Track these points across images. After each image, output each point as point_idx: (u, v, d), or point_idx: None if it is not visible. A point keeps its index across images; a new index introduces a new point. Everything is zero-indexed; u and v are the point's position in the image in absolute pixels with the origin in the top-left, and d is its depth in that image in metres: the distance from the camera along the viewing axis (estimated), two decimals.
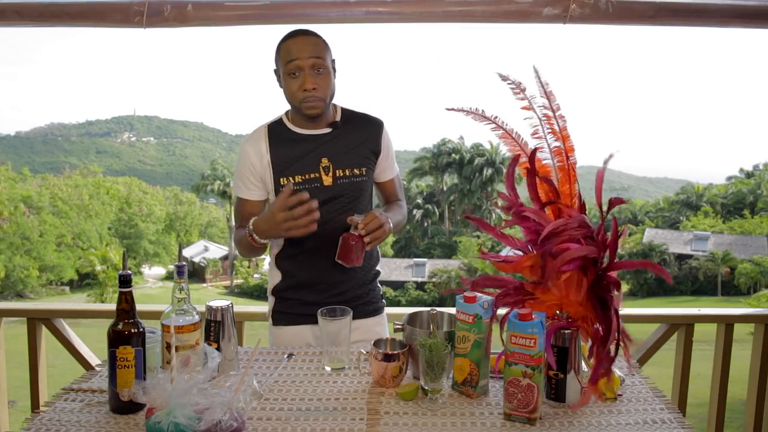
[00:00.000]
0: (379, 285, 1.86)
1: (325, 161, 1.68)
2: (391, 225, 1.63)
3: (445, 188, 40.29)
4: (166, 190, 44.05)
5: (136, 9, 1.95)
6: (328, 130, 1.70)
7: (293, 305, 1.75)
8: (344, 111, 1.76)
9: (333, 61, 1.68)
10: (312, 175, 1.67)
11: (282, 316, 1.78)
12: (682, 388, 2.37)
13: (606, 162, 1.27)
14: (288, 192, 1.47)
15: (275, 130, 1.72)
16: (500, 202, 1.36)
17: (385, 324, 1.84)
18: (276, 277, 1.78)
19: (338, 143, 1.70)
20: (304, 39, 1.61)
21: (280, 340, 1.77)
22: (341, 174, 1.69)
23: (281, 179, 1.68)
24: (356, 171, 1.70)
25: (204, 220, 41.64)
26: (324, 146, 1.69)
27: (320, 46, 1.62)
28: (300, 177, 1.67)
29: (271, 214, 1.50)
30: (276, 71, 1.69)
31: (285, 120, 1.73)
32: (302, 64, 1.58)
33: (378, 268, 1.85)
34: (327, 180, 1.68)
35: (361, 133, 1.74)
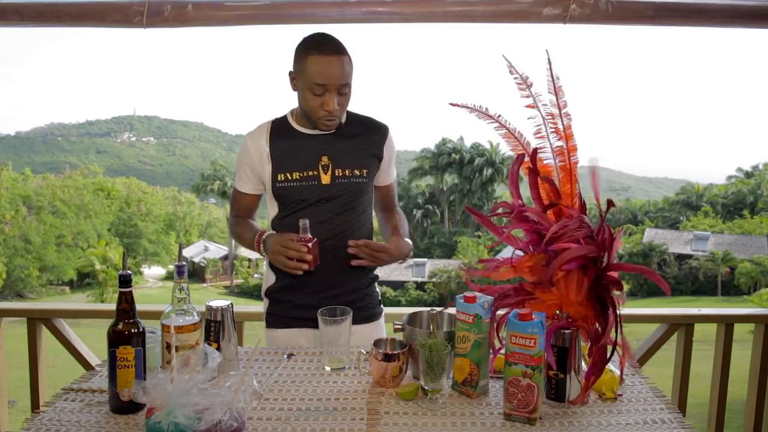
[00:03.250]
0: (377, 290, 1.84)
1: (324, 159, 1.67)
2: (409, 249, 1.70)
3: (445, 188, 40.31)
4: (165, 191, 44.08)
5: (136, 9, 1.95)
6: (331, 129, 1.70)
7: (286, 308, 1.75)
8: (349, 113, 1.75)
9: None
10: (310, 173, 1.67)
11: (275, 318, 1.78)
12: (682, 388, 2.37)
13: (593, 162, 1.28)
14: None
15: (278, 126, 1.73)
16: (501, 210, 1.35)
17: (382, 331, 1.81)
18: (270, 278, 1.78)
19: (340, 143, 1.69)
20: (335, 61, 1.56)
21: (274, 342, 1.77)
22: (340, 174, 1.68)
23: (279, 175, 1.68)
24: (356, 172, 1.69)
25: (204, 220, 41.65)
26: (325, 145, 1.68)
27: (349, 68, 1.59)
28: (298, 174, 1.67)
29: (276, 238, 1.57)
30: (292, 74, 1.64)
31: (290, 118, 1.73)
32: (330, 88, 1.57)
33: (376, 272, 1.83)
34: (325, 178, 1.67)
35: (365, 136, 1.73)
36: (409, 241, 1.72)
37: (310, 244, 1.52)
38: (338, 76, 1.56)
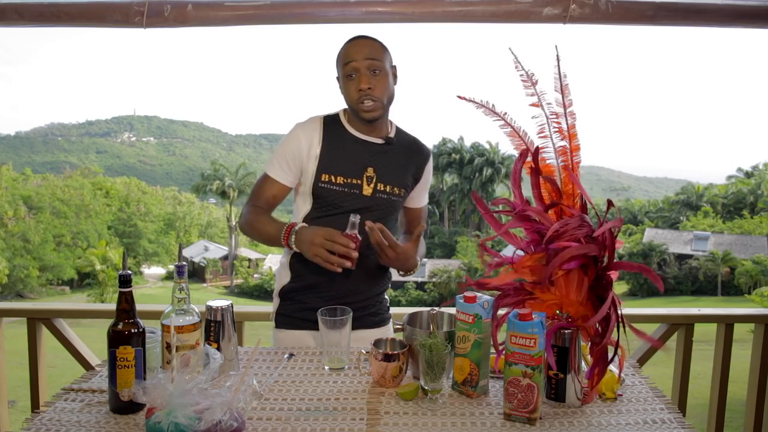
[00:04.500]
0: (386, 297, 1.85)
1: (370, 171, 1.67)
2: (417, 260, 1.66)
3: (445, 188, 40.32)
4: (165, 190, 44.14)
5: (136, 9, 1.95)
6: (381, 141, 1.70)
7: (296, 309, 1.74)
8: (398, 130, 1.77)
9: (394, 67, 1.69)
10: (354, 181, 1.66)
11: (284, 319, 1.77)
12: (682, 388, 2.37)
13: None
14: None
15: (330, 124, 1.71)
16: (501, 207, 1.35)
17: (390, 335, 1.78)
18: (285, 277, 1.75)
19: (388, 158, 1.70)
20: (361, 42, 1.64)
21: (281, 343, 1.76)
22: (382, 188, 1.68)
23: (323, 175, 1.66)
24: (396, 190, 1.70)
25: (204, 220, 41.68)
26: (373, 156, 1.68)
27: (377, 48, 1.63)
28: (342, 179, 1.65)
29: (318, 231, 1.50)
30: (338, 78, 1.69)
31: (342, 118, 1.72)
32: (358, 66, 1.60)
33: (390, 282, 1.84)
34: (367, 190, 1.66)
35: (411, 156, 1.75)
36: (418, 259, 1.68)
37: (359, 243, 1.47)
38: (364, 52, 1.61)
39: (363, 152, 1.68)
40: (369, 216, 1.63)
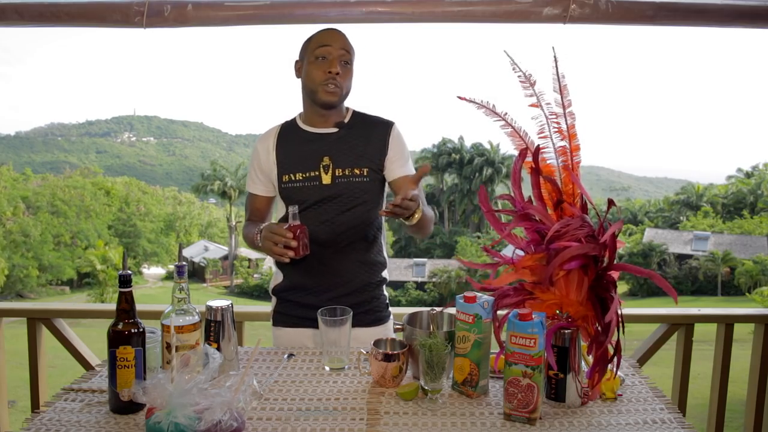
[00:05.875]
0: (385, 293, 1.81)
1: (326, 160, 1.68)
2: (421, 211, 1.53)
3: (445, 188, 40.32)
4: (165, 190, 44.16)
5: (136, 9, 1.95)
6: (334, 129, 1.71)
7: (291, 307, 1.76)
8: (355, 113, 1.77)
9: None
10: (312, 173, 1.68)
11: (281, 317, 1.79)
12: (682, 388, 2.37)
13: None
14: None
15: (286, 128, 1.77)
16: (502, 204, 1.35)
17: (390, 335, 1.75)
18: (278, 277, 1.79)
19: (342, 143, 1.70)
20: (338, 33, 1.68)
21: (279, 341, 1.78)
22: (340, 173, 1.68)
23: (284, 176, 1.71)
24: (356, 171, 1.68)
25: (204, 220, 41.67)
26: (327, 145, 1.70)
27: (350, 46, 1.69)
28: (301, 174, 1.69)
29: (265, 227, 1.58)
30: (297, 62, 1.72)
31: (297, 119, 1.78)
32: (332, 51, 1.64)
33: (385, 274, 1.79)
34: (326, 179, 1.68)
35: (368, 134, 1.72)
36: (421, 205, 1.54)
37: (297, 231, 1.50)
38: (340, 42, 1.65)
39: (317, 145, 1.70)
40: (336, 203, 1.67)
